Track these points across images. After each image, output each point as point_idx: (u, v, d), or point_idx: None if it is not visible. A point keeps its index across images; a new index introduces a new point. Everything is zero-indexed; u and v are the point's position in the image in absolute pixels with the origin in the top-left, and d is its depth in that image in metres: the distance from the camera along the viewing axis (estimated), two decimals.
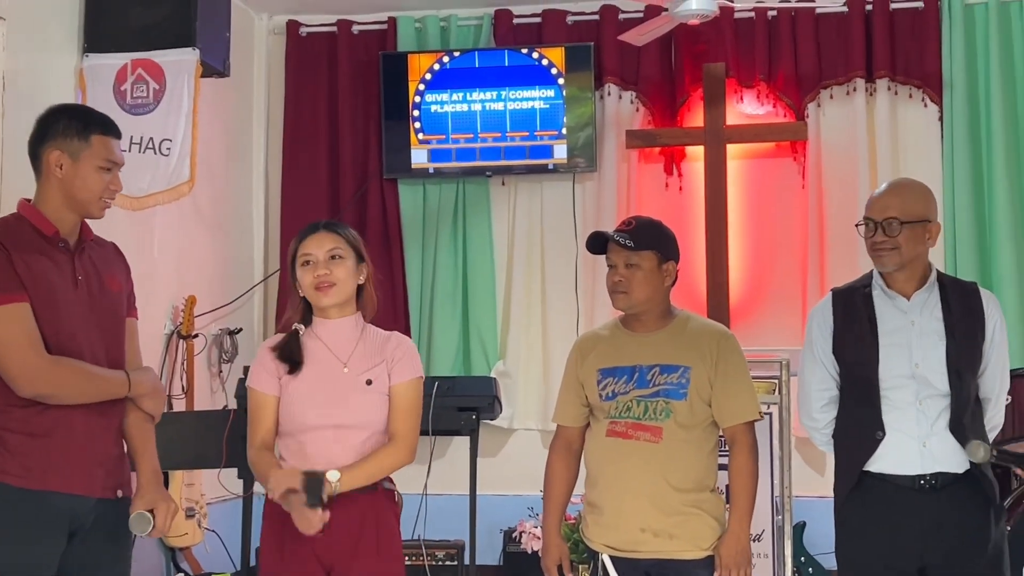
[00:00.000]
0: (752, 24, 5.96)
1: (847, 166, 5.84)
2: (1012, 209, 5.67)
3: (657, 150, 6.05)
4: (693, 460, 3.21)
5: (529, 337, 6.10)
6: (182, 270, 5.48)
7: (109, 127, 2.95)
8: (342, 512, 2.99)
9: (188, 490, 5.16)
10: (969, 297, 3.23)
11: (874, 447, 3.16)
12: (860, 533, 3.21)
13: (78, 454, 2.81)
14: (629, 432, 3.20)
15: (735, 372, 3.24)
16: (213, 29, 4.86)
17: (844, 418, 3.29)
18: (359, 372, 3.10)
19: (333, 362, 3.10)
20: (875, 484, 3.17)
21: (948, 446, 3.12)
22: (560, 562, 3.32)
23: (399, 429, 3.11)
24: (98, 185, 2.88)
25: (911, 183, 3.35)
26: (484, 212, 6.18)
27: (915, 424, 3.14)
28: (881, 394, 3.17)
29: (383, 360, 3.12)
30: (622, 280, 3.23)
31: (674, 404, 3.19)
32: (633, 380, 3.23)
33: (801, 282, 5.88)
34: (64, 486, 2.77)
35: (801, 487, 5.11)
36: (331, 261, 3.11)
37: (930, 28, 5.81)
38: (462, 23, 6.24)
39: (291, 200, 6.28)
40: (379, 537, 3.06)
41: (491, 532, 5.71)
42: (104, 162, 2.88)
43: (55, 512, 2.77)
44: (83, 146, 2.87)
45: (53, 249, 2.85)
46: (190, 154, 4.70)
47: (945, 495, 3.12)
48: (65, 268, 2.85)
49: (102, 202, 2.90)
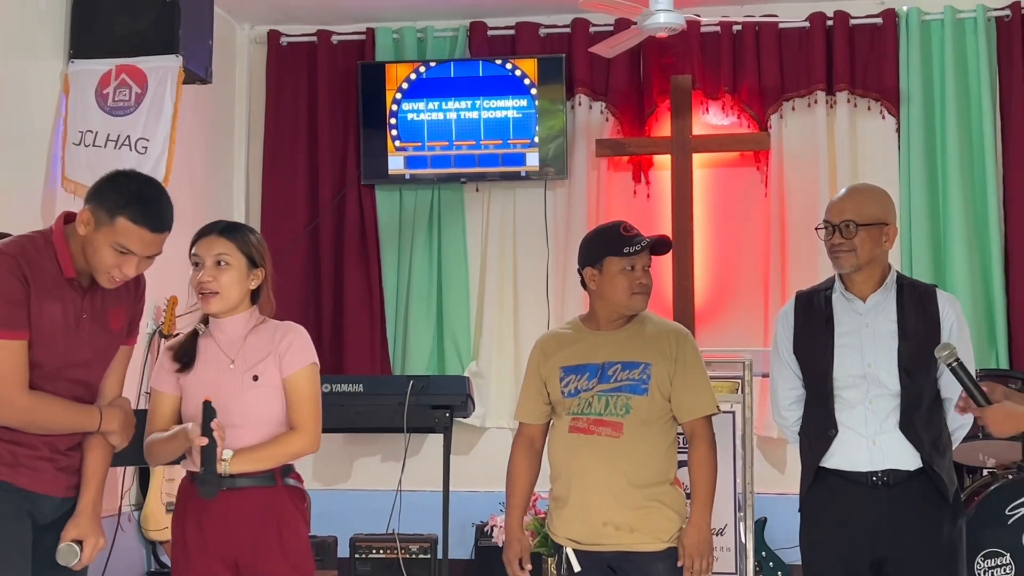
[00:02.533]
0: (718, 38, 6.10)
1: (808, 175, 5.98)
2: (965, 216, 5.82)
3: (626, 159, 6.18)
4: (653, 454, 3.27)
5: (501, 338, 6.20)
6: (164, 271, 5.47)
7: (144, 219, 2.81)
8: (240, 507, 2.97)
9: (169, 485, 5.20)
10: (925, 299, 3.28)
11: (828, 444, 3.24)
12: (818, 527, 3.28)
13: (44, 461, 2.85)
14: (591, 428, 3.26)
15: (693, 368, 3.32)
16: (196, 37, 4.94)
17: (805, 416, 3.36)
18: (245, 369, 3.04)
19: (222, 360, 3.05)
20: (831, 480, 3.24)
21: (898, 444, 3.18)
22: (521, 556, 3.36)
23: (297, 419, 3.04)
24: (107, 260, 2.80)
25: (868, 187, 3.43)
26: (458, 217, 6.30)
27: (864, 423, 3.21)
28: (835, 393, 3.24)
29: (271, 353, 3.05)
30: (648, 284, 3.35)
31: (635, 400, 3.25)
32: (596, 376, 3.29)
33: (763, 286, 6.01)
34: (29, 485, 2.82)
35: (762, 484, 5.21)
36: (216, 268, 3.05)
37: (888, 43, 5.97)
38: (438, 34, 6.36)
39: (271, 205, 6.38)
40: (281, 534, 3.00)
41: (463, 527, 5.78)
42: (118, 245, 2.80)
43: (21, 503, 2.81)
44: (107, 221, 2.79)
45: (68, 288, 2.84)
46: (167, 155, 4.75)
47: (898, 492, 3.18)
48: (72, 307, 2.85)
49: (108, 276, 2.83)
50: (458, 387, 5.36)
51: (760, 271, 6.06)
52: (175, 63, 4.80)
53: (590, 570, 3.27)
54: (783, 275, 5.96)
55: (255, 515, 2.99)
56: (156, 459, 3.11)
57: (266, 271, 3.14)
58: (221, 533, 2.98)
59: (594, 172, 6.19)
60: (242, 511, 2.98)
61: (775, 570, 5.67)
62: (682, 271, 5.84)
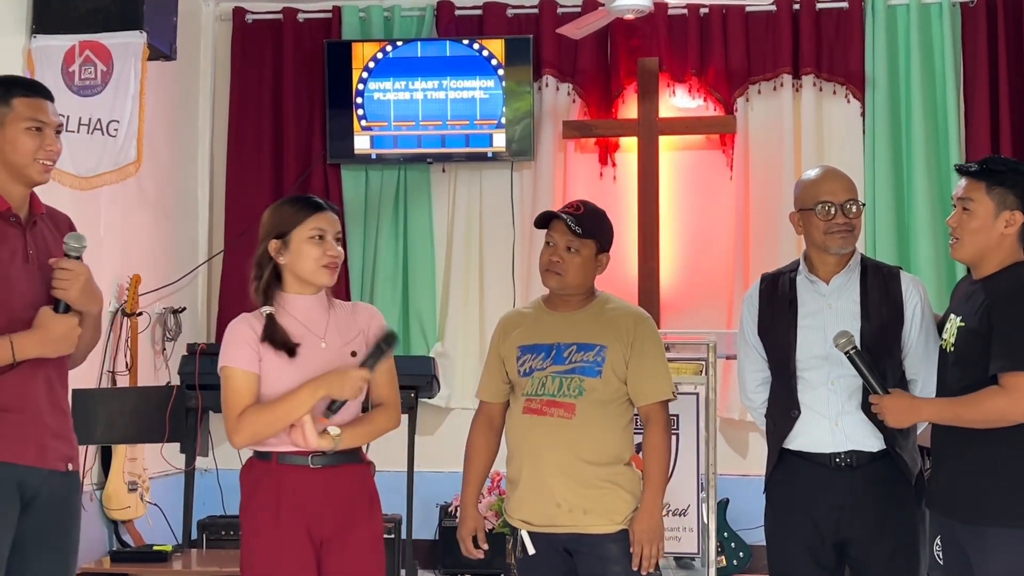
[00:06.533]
0: (685, 21, 6.12)
1: (773, 159, 6.03)
2: (929, 200, 5.87)
3: (592, 141, 6.19)
4: (607, 435, 3.24)
5: (467, 319, 6.22)
6: (127, 250, 5.51)
7: (35, 89, 2.89)
8: (337, 483, 2.99)
9: (131, 464, 5.21)
10: (889, 281, 3.27)
11: (791, 425, 3.25)
12: (781, 508, 3.29)
13: (31, 427, 2.81)
14: (543, 409, 3.24)
15: (651, 353, 3.28)
16: (160, 13, 4.89)
17: (770, 397, 3.37)
18: (339, 345, 3.03)
19: (311, 338, 3.02)
20: (795, 461, 3.25)
21: (861, 426, 3.19)
22: (475, 533, 3.35)
23: (386, 395, 3.08)
24: (28, 146, 2.81)
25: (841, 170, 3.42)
26: (425, 198, 6.29)
27: (826, 404, 3.21)
28: (797, 374, 3.24)
29: (359, 331, 3.06)
30: (560, 261, 3.25)
31: (588, 381, 3.22)
32: (551, 357, 3.26)
33: (729, 269, 6.05)
34: (16, 457, 2.78)
35: (724, 466, 5.24)
36: (337, 242, 3.05)
37: (854, 28, 6.02)
38: (405, 13, 6.33)
39: (235, 183, 6.35)
40: (372, 509, 3.05)
41: (427, 507, 5.81)
42: (30, 122, 2.82)
43: (8, 483, 2.77)
44: (6, 111, 2.81)
45: (4, 224, 2.83)
46: (137, 135, 4.71)
47: (860, 473, 3.18)
48: (16, 243, 2.83)
49: (39, 164, 2.84)
50: (423, 367, 5.40)
51: (725, 254, 6.10)
52: (139, 39, 4.75)
53: (545, 552, 3.26)
54: (746, 258, 6.01)
55: (349, 491, 3.01)
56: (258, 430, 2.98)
57: None
58: (318, 511, 2.97)
59: (560, 154, 6.20)
60: (338, 488, 2.99)
61: (737, 551, 5.73)
62: (648, 253, 5.88)
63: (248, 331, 3.00)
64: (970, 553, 2.98)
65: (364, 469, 3.09)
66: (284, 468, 3.00)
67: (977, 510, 2.97)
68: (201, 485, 5.70)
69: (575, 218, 3.26)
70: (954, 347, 3.05)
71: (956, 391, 3.02)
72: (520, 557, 3.29)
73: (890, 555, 3.20)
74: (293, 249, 2.99)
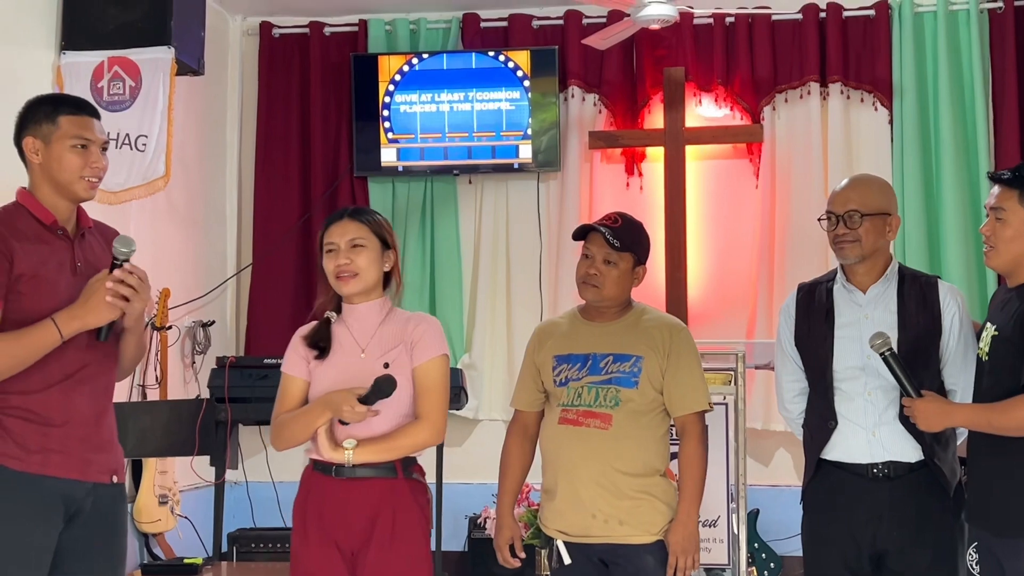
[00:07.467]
0: (711, 30, 6.11)
1: (801, 167, 6.00)
2: (960, 208, 5.83)
3: (619, 151, 6.18)
4: (642, 446, 3.26)
5: (494, 331, 6.21)
6: (156, 263, 5.48)
7: (81, 107, 2.94)
8: (360, 497, 2.99)
9: (161, 477, 5.22)
10: (927, 290, 3.26)
11: (828, 436, 3.24)
12: (818, 518, 3.29)
13: (75, 439, 2.83)
14: (579, 420, 3.25)
15: (687, 364, 3.29)
16: (188, 29, 4.93)
17: (807, 408, 3.37)
18: (376, 356, 3.05)
19: (353, 347, 3.08)
20: (832, 472, 3.24)
21: (899, 436, 3.17)
22: (512, 541, 3.36)
23: (422, 409, 3.05)
24: (74, 164, 2.86)
25: (871, 178, 3.44)
26: (451, 210, 6.30)
27: (863, 414, 3.21)
28: (834, 385, 3.24)
29: (402, 342, 3.06)
30: (597, 274, 3.27)
31: (624, 392, 3.24)
32: (586, 367, 3.28)
33: (755, 278, 6.02)
34: (61, 471, 2.80)
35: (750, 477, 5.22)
36: (352, 250, 3.07)
37: (881, 35, 5.98)
38: (431, 26, 6.36)
39: (263, 196, 6.38)
40: (395, 526, 2.99)
41: (456, 518, 5.81)
42: (75, 140, 2.87)
43: (52, 496, 2.79)
44: (53, 128, 2.86)
45: (53, 237, 2.86)
46: (165, 150, 4.75)
47: (899, 484, 3.17)
48: (64, 255, 2.87)
49: (84, 181, 2.88)
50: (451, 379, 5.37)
51: (752, 263, 6.07)
52: (168, 55, 4.79)
53: (580, 562, 3.26)
54: (771, 267, 5.98)
55: (373, 506, 3.00)
56: (286, 439, 3.06)
57: (396, 254, 3.17)
58: (339, 522, 2.99)
59: (587, 164, 6.19)
60: (361, 501, 2.99)
61: (767, 561, 5.69)
62: (675, 262, 5.85)
63: (298, 338, 3.14)
64: (1005, 565, 2.95)
65: (400, 484, 3.04)
66: (315, 475, 3.07)
67: (1011, 521, 2.94)
68: (231, 498, 5.72)
69: (613, 231, 3.27)
70: (988, 355, 3.03)
71: (990, 399, 3.00)
72: (556, 567, 3.30)
73: (928, 567, 3.18)
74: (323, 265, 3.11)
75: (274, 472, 5.96)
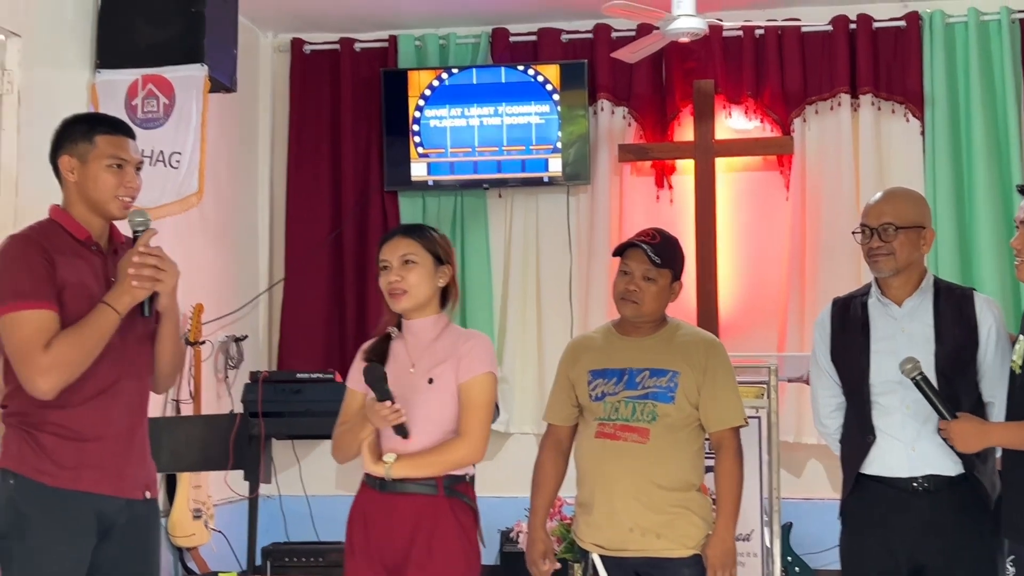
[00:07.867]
0: (740, 42, 6.11)
1: (831, 179, 5.97)
2: (993, 220, 5.79)
3: (648, 164, 6.18)
4: (679, 460, 3.27)
5: (525, 344, 6.22)
6: (190, 279, 5.44)
7: (117, 127, 2.97)
8: (400, 512, 3.01)
9: (196, 492, 5.26)
10: (963, 302, 3.25)
11: (866, 450, 3.23)
12: (856, 532, 3.27)
13: (109, 454, 2.85)
14: (617, 434, 3.26)
15: (722, 379, 3.31)
16: (221, 46, 4.97)
17: (845, 422, 3.36)
18: (424, 371, 3.07)
19: (405, 362, 3.11)
20: (871, 486, 3.23)
21: (938, 449, 3.15)
22: (546, 555, 3.37)
23: (465, 426, 3.04)
24: (109, 183, 2.89)
25: (906, 191, 3.43)
26: (481, 223, 6.32)
27: (901, 428, 3.20)
28: (872, 399, 3.23)
29: (450, 358, 3.07)
30: (637, 290, 3.28)
31: (661, 407, 3.25)
32: (623, 382, 3.29)
33: (786, 291, 6.00)
34: (95, 487, 2.81)
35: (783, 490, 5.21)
36: (404, 267, 3.08)
37: (912, 46, 5.95)
38: (460, 41, 6.39)
39: (295, 211, 6.42)
40: (431, 544, 2.99)
41: (489, 532, 5.58)
42: (111, 160, 2.90)
43: (86, 512, 2.80)
44: (89, 148, 2.90)
45: (87, 252, 2.90)
46: (199, 166, 4.79)
47: (939, 498, 3.15)
48: (100, 270, 2.90)
49: (118, 200, 2.92)
50: None
51: (783, 275, 6.05)
52: (201, 72, 4.83)
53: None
54: (802, 279, 5.96)
55: (412, 522, 3.01)
56: (341, 451, 3.13)
57: (452, 268, 3.17)
58: (381, 536, 3.03)
59: (616, 177, 6.20)
60: (401, 517, 3.01)
61: (801, 575, 5.65)
62: (706, 275, 5.84)
63: (360, 352, 3.19)
64: None
65: (440, 501, 3.04)
66: (364, 489, 3.12)
67: None
68: (265, 512, 5.75)
69: (653, 248, 3.29)
70: (1022, 368, 3.01)
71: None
72: None
73: None
74: None
75: (307, 486, 5.98)
